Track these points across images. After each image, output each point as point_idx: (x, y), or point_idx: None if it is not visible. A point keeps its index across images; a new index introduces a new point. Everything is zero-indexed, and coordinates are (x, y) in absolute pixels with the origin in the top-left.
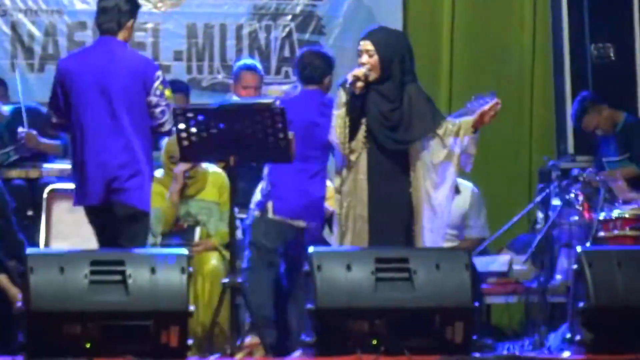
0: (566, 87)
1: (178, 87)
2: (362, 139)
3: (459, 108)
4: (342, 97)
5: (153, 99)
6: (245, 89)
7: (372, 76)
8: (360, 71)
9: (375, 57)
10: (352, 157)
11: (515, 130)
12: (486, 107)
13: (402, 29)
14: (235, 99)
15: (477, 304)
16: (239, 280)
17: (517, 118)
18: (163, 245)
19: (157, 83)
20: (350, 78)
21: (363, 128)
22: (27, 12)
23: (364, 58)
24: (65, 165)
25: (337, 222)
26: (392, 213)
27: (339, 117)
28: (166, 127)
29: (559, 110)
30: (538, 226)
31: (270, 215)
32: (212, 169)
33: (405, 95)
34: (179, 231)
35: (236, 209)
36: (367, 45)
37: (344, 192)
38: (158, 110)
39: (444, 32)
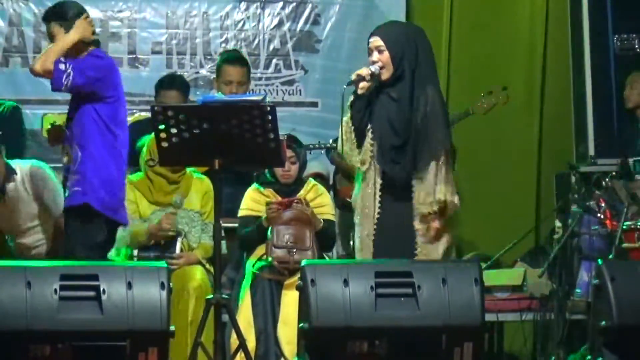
0: (586, 82)
1: (174, 82)
2: (369, 148)
3: (458, 105)
4: (349, 99)
5: None
6: (228, 85)
7: (384, 75)
8: (366, 70)
9: (386, 54)
10: (363, 168)
11: (524, 130)
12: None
13: (404, 17)
14: (219, 95)
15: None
16: (225, 296)
17: (525, 116)
18: (139, 259)
19: None
20: (353, 77)
21: (370, 135)
22: None
23: (374, 55)
24: None
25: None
26: (403, 238)
27: (345, 123)
28: None
29: (578, 108)
30: (556, 236)
31: None
32: (196, 175)
33: (422, 98)
34: (158, 242)
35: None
36: (376, 41)
37: (356, 208)
38: None
39: (447, 22)
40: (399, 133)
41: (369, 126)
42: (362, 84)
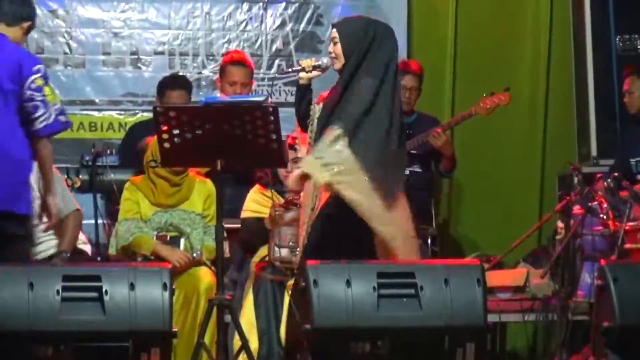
0: (589, 83)
1: (177, 83)
2: (309, 134)
3: (463, 106)
4: None
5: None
6: (232, 86)
7: (337, 66)
8: (308, 61)
9: (339, 46)
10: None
11: (527, 131)
12: None
13: (406, 18)
14: (221, 96)
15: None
16: (227, 297)
17: (530, 118)
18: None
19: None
20: (295, 66)
21: (311, 123)
22: None
23: (330, 46)
24: None
25: None
26: (337, 233)
27: None
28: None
29: (581, 109)
30: (558, 237)
31: None
32: (200, 177)
33: (355, 87)
34: (161, 242)
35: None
36: (333, 33)
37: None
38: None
39: (451, 22)
40: (326, 119)
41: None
42: (302, 74)
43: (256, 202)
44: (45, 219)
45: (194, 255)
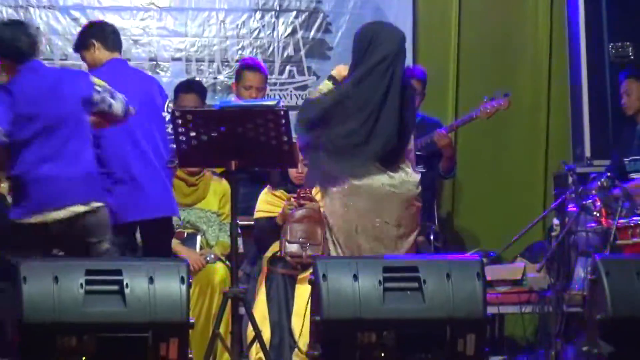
0: (583, 88)
1: (190, 87)
2: None
3: (466, 109)
4: None
5: None
6: (248, 90)
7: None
8: (340, 67)
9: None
10: None
11: (531, 133)
12: None
13: (412, 24)
14: (235, 100)
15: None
16: (241, 290)
17: (533, 120)
18: None
19: None
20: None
21: None
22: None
23: None
24: None
25: None
26: None
27: None
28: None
29: (575, 112)
30: (554, 233)
31: None
32: (215, 177)
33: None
34: (179, 239)
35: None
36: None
37: None
38: None
39: (454, 29)
40: None
41: None
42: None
43: (267, 203)
44: None
45: (207, 259)
